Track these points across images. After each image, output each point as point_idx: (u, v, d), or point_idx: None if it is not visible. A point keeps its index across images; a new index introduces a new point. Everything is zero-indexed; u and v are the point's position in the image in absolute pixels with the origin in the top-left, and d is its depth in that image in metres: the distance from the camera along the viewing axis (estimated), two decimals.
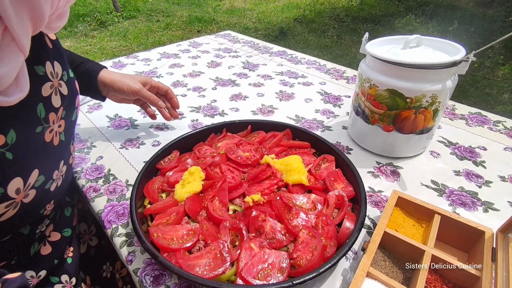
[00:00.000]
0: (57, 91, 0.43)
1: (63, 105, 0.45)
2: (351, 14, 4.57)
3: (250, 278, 0.41)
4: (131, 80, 0.72)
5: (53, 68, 0.43)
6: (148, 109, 0.79)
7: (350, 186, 0.57)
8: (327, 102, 0.94)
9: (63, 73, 0.46)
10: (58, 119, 0.44)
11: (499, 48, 3.01)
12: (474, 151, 0.72)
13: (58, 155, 0.45)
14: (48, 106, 0.41)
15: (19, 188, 0.36)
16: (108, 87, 0.71)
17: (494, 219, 0.56)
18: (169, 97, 0.79)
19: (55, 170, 0.44)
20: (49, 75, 0.41)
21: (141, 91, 0.72)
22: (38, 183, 0.40)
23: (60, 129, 0.45)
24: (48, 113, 0.41)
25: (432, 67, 0.57)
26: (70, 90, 0.48)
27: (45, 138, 0.41)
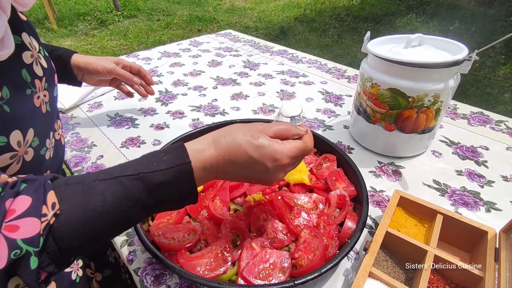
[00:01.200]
0: (38, 62, 0.46)
1: (45, 76, 0.47)
2: (351, 14, 4.56)
3: (251, 278, 0.41)
4: (105, 60, 0.75)
5: (31, 41, 0.45)
6: (123, 88, 0.84)
7: (351, 185, 0.57)
8: (328, 101, 0.93)
9: (39, 48, 0.48)
10: (43, 88, 0.46)
11: (500, 48, 3.00)
12: (476, 150, 0.72)
13: (47, 124, 0.47)
14: (31, 73, 0.43)
15: (19, 141, 0.38)
16: (83, 70, 0.74)
17: (496, 219, 0.55)
18: (142, 75, 0.83)
19: (47, 138, 0.46)
20: (28, 45, 0.43)
21: (115, 69, 0.75)
22: (34, 143, 0.42)
23: (45, 99, 0.47)
24: (34, 79, 0.43)
25: (434, 66, 0.57)
26: (49, 65, 0.49)
27: (34, 102, 0.43)
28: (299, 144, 0.41)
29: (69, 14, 4.68)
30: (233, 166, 0.38)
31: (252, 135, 0.38)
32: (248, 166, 0.38)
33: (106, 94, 1.00)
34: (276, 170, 0.39)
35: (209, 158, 0.36)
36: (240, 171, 0.39)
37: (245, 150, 0.37)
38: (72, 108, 0.92)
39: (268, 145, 0.38)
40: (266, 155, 0.38)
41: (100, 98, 0.98)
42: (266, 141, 0.38)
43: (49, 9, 4.16)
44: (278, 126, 0.41)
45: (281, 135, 0.41)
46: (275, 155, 0.38)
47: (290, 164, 0.41)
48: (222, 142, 0.37)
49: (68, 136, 0.80)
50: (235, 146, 0.37)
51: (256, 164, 0.38)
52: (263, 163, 0.38)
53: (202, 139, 0.39)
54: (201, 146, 0.37)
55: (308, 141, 0.42)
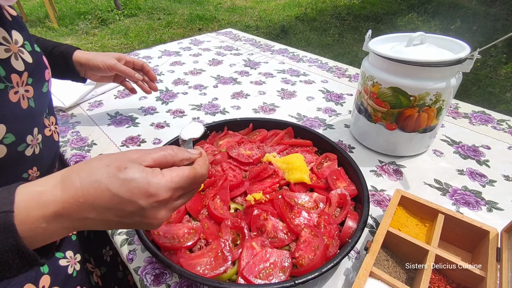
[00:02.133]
0: (18, 57, 0.45)
1: (28, 71, 0.46)
2: (352, 13, 4.55)
3: (251, 277, 0.41)
4: (106, 56, 0.74)
5: (9, 35, 0.44)
6: (126, 84, 0.83)
7: (352, 184, 0.57)
8: (329, 100, 0.93)
9: (24, 42, 0.47)
10: (24, 83, 0.45)
11: (501, 47, 2.99)
12: (478, 150, 0.72)
13: (29, 120, 0.46)
14: (7, 67, 0.42)
15: None
16: (84, 67, 0.73)
17: (498, 218, 0.55)
18: (145, 70, 0.82)
19: (28, 134, 0.45)
20: (1, 40, 0.42)
21: (116, 65, 0.74)
22: (7, 140, 0.40)
23: (28, 94, 0.46)
24: (9, 74, 0.42)
25: (436, 65, 0.56)
26: (36, 61, 0.49)
27: (9, 97, 0.42)
28: (184, 171, 0.32)
29: (70, 13, 4.68)
30: (93, 211, 0.29)
31: (118, 166, 0.30)
32: (113, 208, 0.29)
33: (106, 93, 0.99)
34: (154, 208, 0.30)
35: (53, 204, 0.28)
36: (104, 216, 0.30)
37: (107, 187, 0.29)
38: (72, 106, 0.92)
39: (139, 177, 0.29)
40: (136, 191, 0.29)
41: (101, 96, 0.97)
42: (136, 173, 0.30)
43: (50, 8, 4.16)
44: (161, 151, 0.33)
45: (165, 162, 0.33)
46: (149, 189, 0.30)
47: (174, 198, 0.32)
48: (74, 180, 0.29)
49: (68, 134, 0.80)
50: (92, 183, 0.29)
51: (124, 204, 0.29)
52: (133, 202, 0.29)
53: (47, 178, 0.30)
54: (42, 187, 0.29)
55: (199, 166, 0.34)
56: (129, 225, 0.32)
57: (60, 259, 0.51)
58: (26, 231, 0.26)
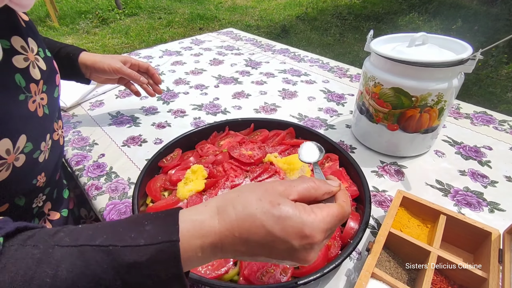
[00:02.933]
0: (35, 65, 0.45)
1: (43, 79, 0.47)
2: (353, 12, 4.55)
3: (253, 278, 0.41)
4: (112, 59, 0.75)
5: (27, 44, 0.45)
6: (131, 86, 0.83)
7: (354, 185, 0.56)
8: (330, 100, 0.93)
9: (38, 49, 0.48)
10: (40, 91, 0.46)
11: (503, 47, 2.99)
12: (480, 150, 0.71)
13: (44, 127, 0.47)
14: (27, 77, 0.43)
15: (8, 149, 0.38)
16: (90, 69, 0.74)
17: (500, 219, 0.55)
18: (150, 73, 0.82)
19: (42, 141, 0.46)
20: (20, 49, 0.43)
21: (121, 69, 0.75)
22: (26, 149, 0.41)
23: (43, 102, 0.46)
24: (29, 84, 0.43)
25: (438, 66, 0.56)
26: (49, 67, 0.49)
27: (29, 107, 0.42)
28: (334, 210, 0.30)
29: (70, 12, 4.68)
30: (245, 245, 0.28)
31: (271, 201, 0.29)
32: (265, 245, 0.28)
33: (107, 93, 0.99)
34: (306, 249, 0.29)
35: (210, 235, 0.28)
36: (255, 251, 0.29)
37: (262, 223, 0.28)
38: (73, 106, 0.92)
39: (293, 216, 0.28)
40: (291, 230, 0.28)
41: (102, 96, 0.97)
42: (290, 210, 0.28)
43: (50, 7, 4.16)
44: (304, 183, 0.32)
45: (309, 196, 0.31)
46: (304, 230, 0.28)
47: (324, 239, 0.30)
48: (230, 213, 0.29)
49: (70, 134, 0.80)
50: (247, 219, 0.28)
51: (277, 243, 0.28)
52: (287, 241, 0.28)
53: (203, 206, 0.30)
54: (201, 216, 0.29)
55: (345, 203, 0.32)
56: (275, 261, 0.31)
57: None
58: (185, 259, 0.27)
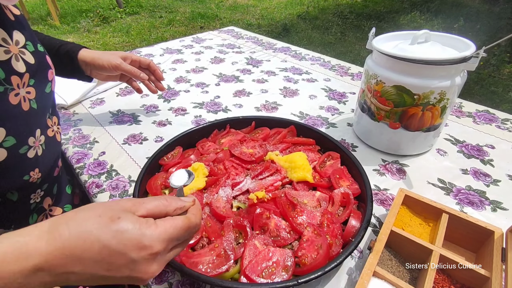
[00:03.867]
0: (19, 58, 0.44)
1: (29, 72, 0.46)
2: (355, 11, 4.53)
3: (254, 276, 0.41)
4: (111, 56, 0.73)
5: (10, 36, 0.44)
6: (133, 83, 0.82)
7: (355, 183, 0.56)
8: (331, 98, 0.93)
9: (26, 43, 0.47)
10: (25, 85, 0.45)
11: (505, 46, 2.97)
12: (482, 149, 0.71)
13: (31, 122, 0.46)
14: (7, 69, 0.42)
15: None
16: (90, 66, 0.73)
17: (502, 218, 0.55)
18: (152, 69, 0.80)
19: (30, 136, 0.45)
20: (0, 41, 0.42)
21: (121, 65, 0.73)
22: (7, 143, 0.40)
23: (29, 96, 0.45)
24: (9, 76, 0.42)
25: (441, 63, 0.56)
26: (38, 61, 0.48)
27: (9, 99, 0.42)
28: (178, 221, 0.31)
29: (71, 11, 4.68)
30: (79, 264, 0.27)
31: (111, 217, 0.28)
32: (101, 261, 0.27)
33: (108, 91, 0.99)
34: (146, 261, 0.29)
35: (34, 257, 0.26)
36: (91, 270, 0.27)
37: (97, 238, 0.27)
38: (74, 104, 0.92)
39: (132, 229, 0.28)
40: (129, 243, 0.27)
41: (103, 94, 0.97)
42: (130, 223, 0.28)
43: (51, 6, 4.16)
44: (155, 201, 0.32)
45: (159, 212, 0.32)
46: (143, 241, 0.28)
47: (167, 249, 0.30)
48: (62, 231, 0.27)
49: (70, 132, 0.79)
50: (81, 235, 0.27)
51: (114, 257, 0.27)
52: (124, 254, 0.27)
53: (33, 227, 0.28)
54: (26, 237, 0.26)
55: (193, 216, 0.33)
56: (116, 280, 0.29)
57: None
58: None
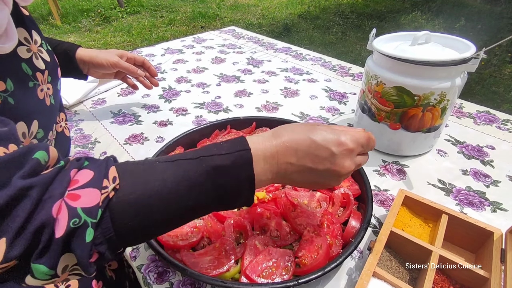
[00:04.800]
0: (38, 56, 0.46)
1: (48, 70, 0.47)
2: (356, 11, 4.53)
3: (254, 276, 0.41)
4: (109, 54, 0.76)
5: (30, 36, 0.46)
6: (128, 80, 0.85)
7: (355, 184, 0.56)
8: (332, 99, 0.93)
9: (42, 42, 0.48)
10: (46, 81, 0.47)
11: (506, 46, 2.97)
12: (482, 150, 0.71)
13: (51, 116, 0.48)
14: (32, 66, 0.44)
15: (24, 132, 0.39)
16: (88, 64, 0.75)
17: (502, 219, 0.55)
18: (146, 66, 0.84)
19: (50, 130, 0.47)
20: (23, 40, 0.44)
21: (119, 63, 0.76)
22: (39, 135, 0.42)
23: (49, 92, 0.47)
24: (35, 72, 0.44)
25: (441, 64, 0.56)
26: (53, 59, 0.50)
27: (38, 94, 0.44)
28: (362, 133, 0.39)
29: (72, 10, 4.69)
30: (295, 155, 0.36)
31: (312, 124, 0.38)
32: (310, 153, 0.36)
33: (109, 91, 1.00)
34: (343, 155, 0.37)
35: (269, 147, 0.35)
36: (302, 161, 0.36)
37: (308, 136, 0.36)
38: (75, 104, 0.92)
39: (331, 131, 0.37)
40: (330, 139, 0.36)
41: (104, 94, 0.98)
42: (328, 128, 0.38)
43: (53, 5, 4.17)
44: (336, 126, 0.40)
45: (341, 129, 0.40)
46: (340, 138, 0.37)
47: (356, 150, 0.38)
48: (281, 133, 0.37)
49: (72, 132, 0.80)
50: (296, 134, 0.37)
51: (320, 150, 0.36)
52: (327, 148, 0.36)
53: (261, 133, 0.38)
54: (261, 137, 0.37)
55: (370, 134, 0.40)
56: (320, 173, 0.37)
57: None
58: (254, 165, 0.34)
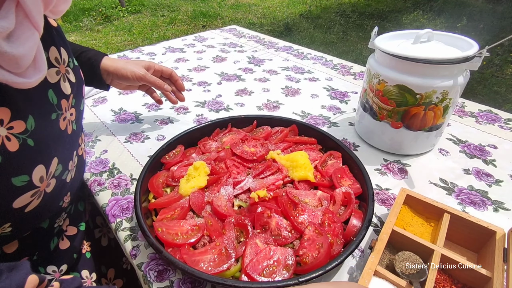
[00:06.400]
0: (65, 78, 0.42)
1: (73, 93, 0.44)
2: (357, 10, 4.51)
3: (255, 274, 0.41)
4: (135, 66, 0.70)
5: (60, 54, 0.42)
6: (154, 94, 0.79)
7: (357, 183, 0.56)
8: (333, 98, 0.92)
9: (69, 60, 0.45)
10: (70, 106, 0.43)
11: (508, 45, 2.95)
12: (484, 149, 0.71)
13: (72, 145, 0.45)
14: (58, 92, 0.40)
15: (42, 176, 0.36)
16: (112, 75, 0.70)
17: (504, 219, 0.55)
18: (173, 79, 0.77)
19: (70, 160, 0.44)
20: (53, 61, 0.40)
21: (146, 76, 0.70)
22: (57, 172, 0.39)
23: (72, 118, 0.44)
24: (60, 100, 0.41)
25: (443, 63, 0.55)
26: (78, 78, 0.47)
27: (60, 125, 0.40)
28: None
29: (74, 9, 4.69)
30: None
31: None
32: None
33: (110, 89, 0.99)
34: None
35: None
36: None
37: None
38: None
39: None
40: None
41: (105, 93, 0.97)
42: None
43: None
44: None
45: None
46: None
47: None
48: None
49: None
50: None
51: None
52: None
53: None
54: None
55: None
56: None
57: None
58: None
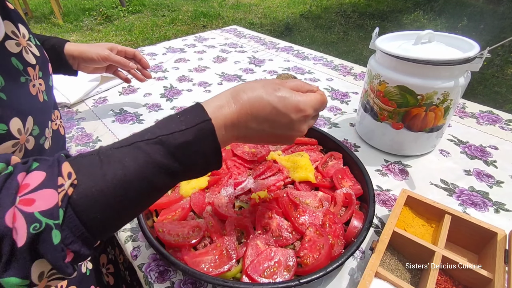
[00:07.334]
0: (28, 51, 0.45)
1: (39, 64, 0.46)
2: (358, 10, 4.51)
3: (256, 276, 0.41)
4: (99, 48, 0.74)
5: (17, 29, 0.44)
6: (120, 74, 0.83)
7: (358, 184, 0.56)
8: (334, 98, 0.92)
9: (29, 36, 0.47)
10: (37, 76, 0.45)
11: (509, 46, 2.95)
12: (485, 150, 0.71)
13: (45, 113, 0.46)
14: (22, 61, 0.42)
15: (19, 128, 0.38)
16: (77, 59, 0.72)
17: (505, 220, 0.54)
18: (137, 58, 0.82)
19: (46, 127, 0.45)
20: (10, 34, 0.42)
21: (110, 56, 0.74)
22: (34, 132, 0.41)
23: (41, 88, 0.46)
24: (26, 67, 0.43)
25: (444, 64, 0.55)
26: (42, 54, 0.49)
27: (30, 90, 0.42)
28: (318, 96, 0.40)
29: (74, 9, 4.69)
30: (255, 121, 0.36)
31: (273, 88, 0.37)
32: (271, 120, 0.36)
33: (111, 90, 1.00)
34: (300, 121, 0.38)
35: (230, 115, 0.34)
36: (262, 126, 0.36)
37: (268, 101, 0.35)
38: (77, 103, 0.92)
39: (290, 96, 0.37)
40: (290, 106, 0.36)
41: (105, 93, 0.97)
42: (287, 92, 0.37)
43: (54, 4, 4.17)
44: (293, 82, 0.40)
45: (297, 89, 0.39)
46: (299, 105, 0.37)
47: (312, 116, 0.40)
48: (242, 97, 0.35)
49: (73, 131, 0.80)
50: (257, 99, 0.35)
51: (280, 116, 0.36)
52: (287, 115, 0.36)
53: (219, 96, 0.36)
54: (220, 102, 0.35)
55: (323, 94, 0.41)
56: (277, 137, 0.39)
57: None
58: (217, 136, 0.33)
